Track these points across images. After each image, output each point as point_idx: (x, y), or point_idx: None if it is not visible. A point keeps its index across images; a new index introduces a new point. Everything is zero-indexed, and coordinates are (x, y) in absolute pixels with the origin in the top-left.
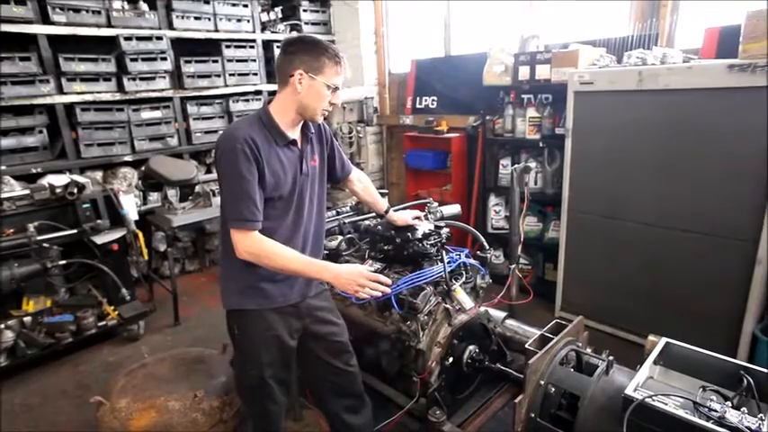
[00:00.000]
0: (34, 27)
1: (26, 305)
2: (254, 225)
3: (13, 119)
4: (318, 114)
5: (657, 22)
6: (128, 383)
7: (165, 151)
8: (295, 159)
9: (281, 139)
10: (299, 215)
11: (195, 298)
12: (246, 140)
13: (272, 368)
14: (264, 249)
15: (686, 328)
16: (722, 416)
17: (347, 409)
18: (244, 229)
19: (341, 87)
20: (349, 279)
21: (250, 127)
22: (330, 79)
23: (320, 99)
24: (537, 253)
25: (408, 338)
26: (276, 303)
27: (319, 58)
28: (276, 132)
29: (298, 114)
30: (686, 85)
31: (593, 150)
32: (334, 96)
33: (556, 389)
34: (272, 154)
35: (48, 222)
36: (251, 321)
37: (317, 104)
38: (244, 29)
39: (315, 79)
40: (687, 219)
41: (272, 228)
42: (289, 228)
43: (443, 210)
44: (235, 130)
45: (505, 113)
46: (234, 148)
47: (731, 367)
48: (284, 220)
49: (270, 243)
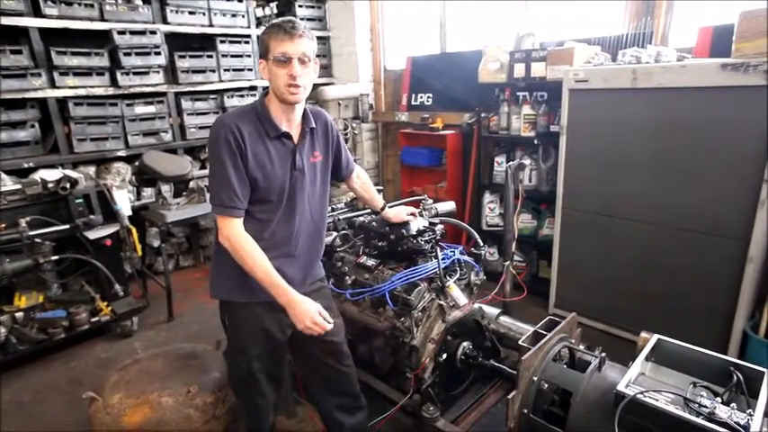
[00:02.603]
0: (26, 20)
1: (18, 301)
2: (233, 212)
3: (4, 113)
4: (286, 93)
5: (652, 21)
6: (120, 379)
7: (159, 146)
8: (286, 153)
9: (272, 131)
10: (291, 213)
11: (189, 294)
12: (231, 129)
13: (261, 362)
14: (241, 244)
15: (678, 325)
16: (712, 411)
17: (339, 408)
18: (224, 215)
19: (294, 54)
20: (302, 314)
21: (241, 116)
22: (275, 52)
23: (277, 77)
24: (531, 250)
25: (402, 335)
26: (263, 298)
27: (263, 41)
28: (268, 123)
29: (280, 102)
30: (680, 83)
31: (588, 148)
32: (290, 68)
33: (549, 385)
34: (259, 145)
35: (40, 217)
36: (240, 314)
37: (277, 84)
38: (238, 24)
39: (268, 61)
40: (680, 216)
41: (263, 221)
42: (281, 225)
43: (438, 206)
44: (224, 118)
45: (501, 111)
46: (218, 136)
47: (721, 363)
48: (275, 215)
49: (248, 241)
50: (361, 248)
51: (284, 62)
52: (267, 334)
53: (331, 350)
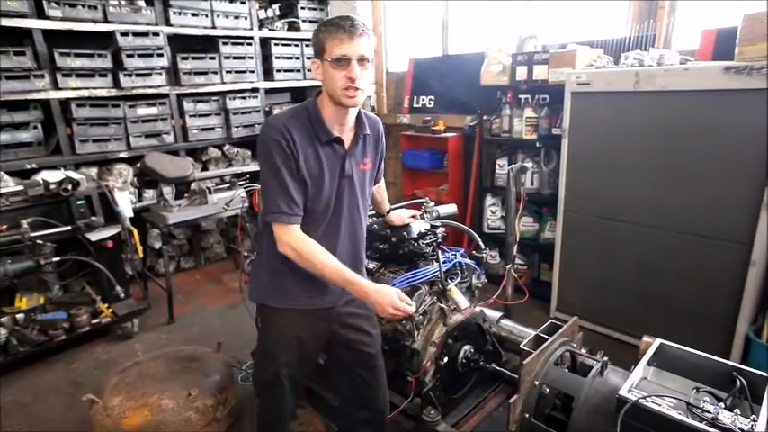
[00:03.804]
0: (29, 21)
1: (19, 302)
2: (291, 219)
3: (7, 114)
4: (342, 96)
5: (655, 24)
6: (121, 381)
7: (161, 148)
8: (336, 160)
9: (324, 135)
10: (337, 221)
11: (190, 296)
12: (282, 132)
13: (289, 368)
14: (306, 249)
15: (680, 330)
16: (715, 417)
17: (366, 423)
18: (281, 222)
19: (354, 56)
20: (382, 301)
21: (291, 118)
22: (333, 53)
23: (334, 79)
24: (533, 253)
25: (403, 338)
26: (300, 305)
27: (318, 37)
28: (320, 127)
29: (334, 104)
30: (682, 86)
31: (590, 151)
32: (349, 70)
33: (550, 389)
34: (309, 151)
35: (41, 219)
36: (273, 318)
37: (334, 86)
38: (241, 26)
39: (323, 61)
40: (682, 220)
41: (309, 230)
42: (325, 233)
43: (440, 209)
44: (274, 120)
45: (502, 113)
46: (268, 139)
47: (724, 368)
48: (321, 223)
49: (311, 243)
50: None
51: (343, 63)
52: (300, 341)
53: (365, 362)
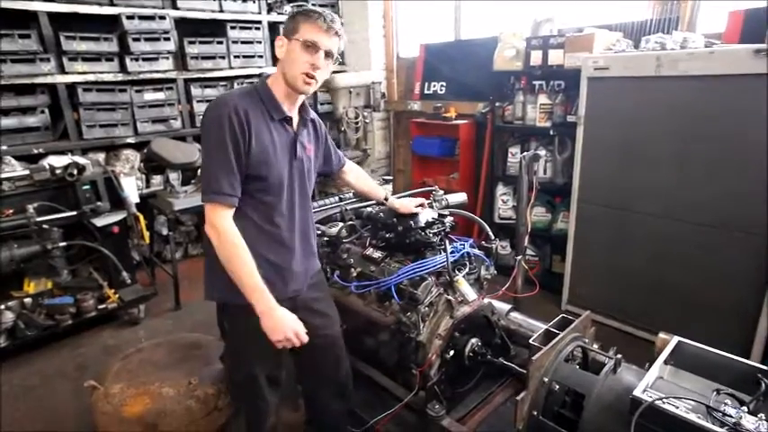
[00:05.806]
0: (35, 4)
1: (27, 286)
2: (229, 200)
3: (14, 98)
4: (299, 80)
5: (678, 6)
6: (122, 368)
7: (169, 134)
8: (288, 141)
9: (276, 113)
10: (291, 202)
11: (197, 282)
12: (235, 108)
13: (263, 366)
14: (232, 238)
15: (697, 325)
16: (737, 422)
17: (327, 394)
18: (219, 203)
19: (323, 47)
20: (282, 325)
21: (242, 96)
22: (305, 36)
23: (296, 61)
24: (544, 244)
25: (408, 330)
26: None
27: (295, 18)
28: (271, 104)
29: (287, 85)
30: (707, 71)
31: (606, 139)
32: (315, 57)
33: (560, 386)
34: (262, 127)
35: (47, 203)
36: (241, 317)
37: (294, 68)
38: (249, 9)
39: (291, 40)
40: (701, 211)
41: (270, 207)
42: (284, 213)
43: (449, 198)
44: (225, 97)
45: (516, 100)
46: (220, 116)
47: (747, 369)
48: (280, 202)
49: (239, 236)
50: (367, 240)
51: (311, 49)
52: None
53: (328, 343)
